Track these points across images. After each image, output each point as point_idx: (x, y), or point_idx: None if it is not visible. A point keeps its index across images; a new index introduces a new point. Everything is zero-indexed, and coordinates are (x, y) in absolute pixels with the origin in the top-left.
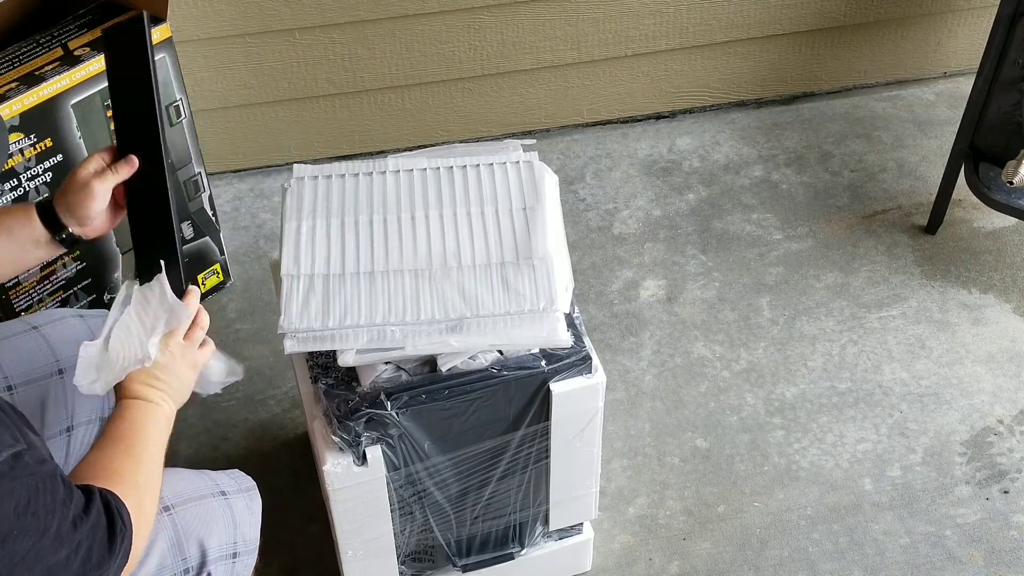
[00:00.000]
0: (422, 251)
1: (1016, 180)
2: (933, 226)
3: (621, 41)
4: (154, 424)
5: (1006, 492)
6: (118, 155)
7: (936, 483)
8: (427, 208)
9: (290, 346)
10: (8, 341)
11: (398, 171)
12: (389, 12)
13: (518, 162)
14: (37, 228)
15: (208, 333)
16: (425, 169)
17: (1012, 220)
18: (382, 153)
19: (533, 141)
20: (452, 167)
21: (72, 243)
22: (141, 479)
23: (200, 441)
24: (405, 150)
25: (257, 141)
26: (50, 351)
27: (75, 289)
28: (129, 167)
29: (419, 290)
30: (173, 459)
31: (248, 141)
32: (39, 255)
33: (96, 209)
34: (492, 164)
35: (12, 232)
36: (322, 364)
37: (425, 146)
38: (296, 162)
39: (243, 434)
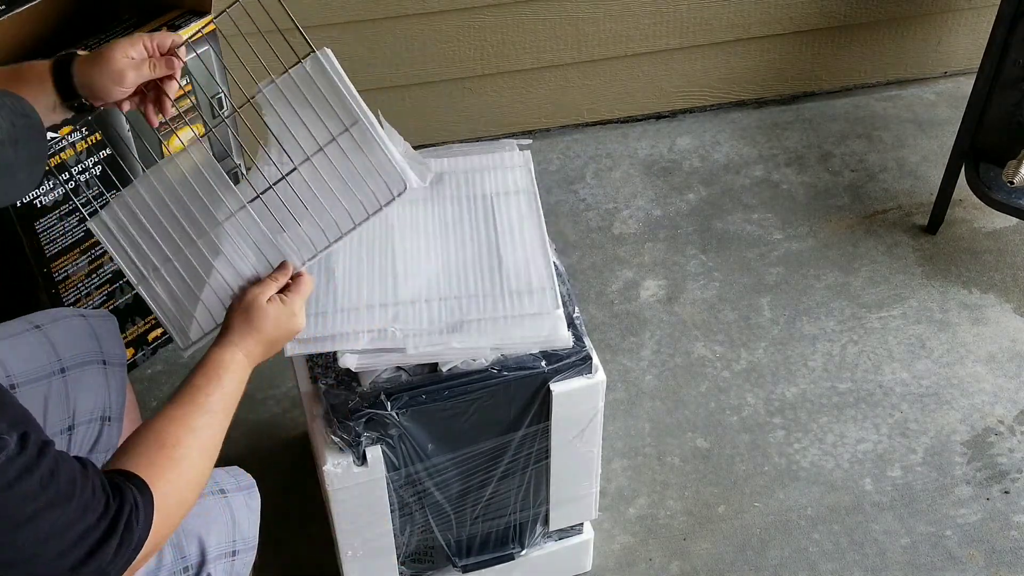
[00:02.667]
0: (422, 252)
1: (1016, 180)
2: (934, 226)
3: (621, 41)
4: (233, 381)
5: (1007, 492)
6: None
7: (936, 483)
8: (427, 210)
9: (291, 348)
10: (10, 340)
11: None
12: (389, 12)
13: (513, 166)
14: (51, 94)
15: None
16: None
17: (1013, 220)
18: None
19: (529, 141)
20: (446, 172)
21: (85, 110)
22: (183, 460)
23: None
24: None
25: (256, 142)
26: (52, 350)
27: (120, 282)
28: (168, 68)
29: (420, 291)
30: None
31: (248, 141)
32: (48, 119)
33: (120, 95)
34: (487, 168)
35: (26, 94)
36: (322, 364)
37: (425, 146)
38: None
39: (243, 434)
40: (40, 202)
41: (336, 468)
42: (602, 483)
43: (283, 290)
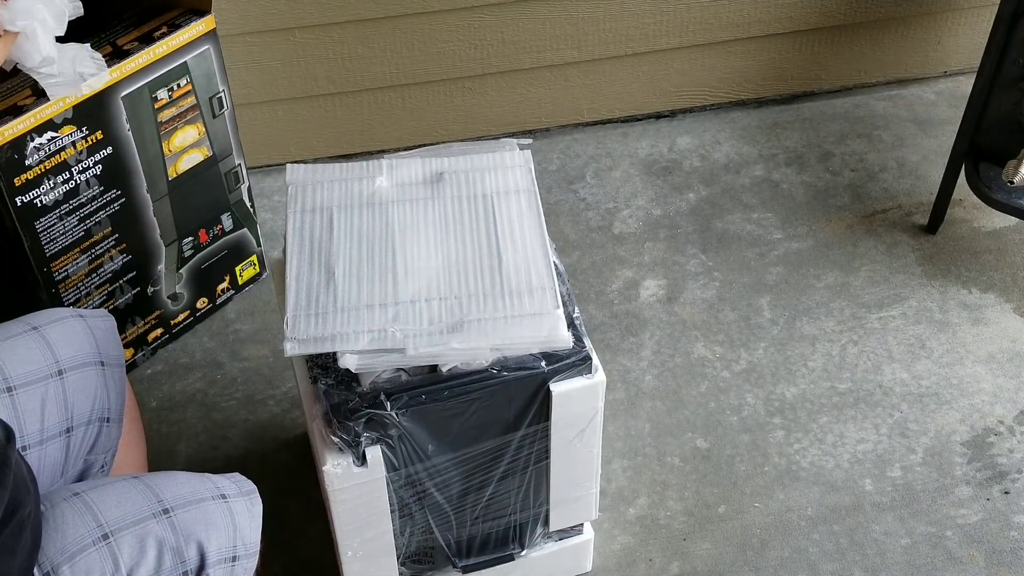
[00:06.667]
0: (422, 252)
1: (1017, 179)
2: (934, 226)
3: (621, 40)
4: None
5: (1007, 492)
6: None
7: (936, 483)
8: (427, 210)
9: (290, 348)
10: (8, 342)
11: (396, 174)
12: (389, 11)
13: (513, 166)
14: None
15: (208, 334)
16: (422, 171)
17: (1013, 220)
18: (382, 152)
19: (529, 141)
20: (446, 171)
21: None
22: None
23: (200, 441)
24: (405, 149)
25: (256, 140)
26: (50, 352)
27: (120, 282)
28: None
29: (420, 291)
30: (172, 460)
31: (247, 140)
32: None
33: None
34: (487, 168)
35: None
36: (322, 364)
37: (425, 146)
38: (295, 162)
39: (243, 434)
40: (40, 202)
41: (336, 468)
42: (602, 483)
43: None
